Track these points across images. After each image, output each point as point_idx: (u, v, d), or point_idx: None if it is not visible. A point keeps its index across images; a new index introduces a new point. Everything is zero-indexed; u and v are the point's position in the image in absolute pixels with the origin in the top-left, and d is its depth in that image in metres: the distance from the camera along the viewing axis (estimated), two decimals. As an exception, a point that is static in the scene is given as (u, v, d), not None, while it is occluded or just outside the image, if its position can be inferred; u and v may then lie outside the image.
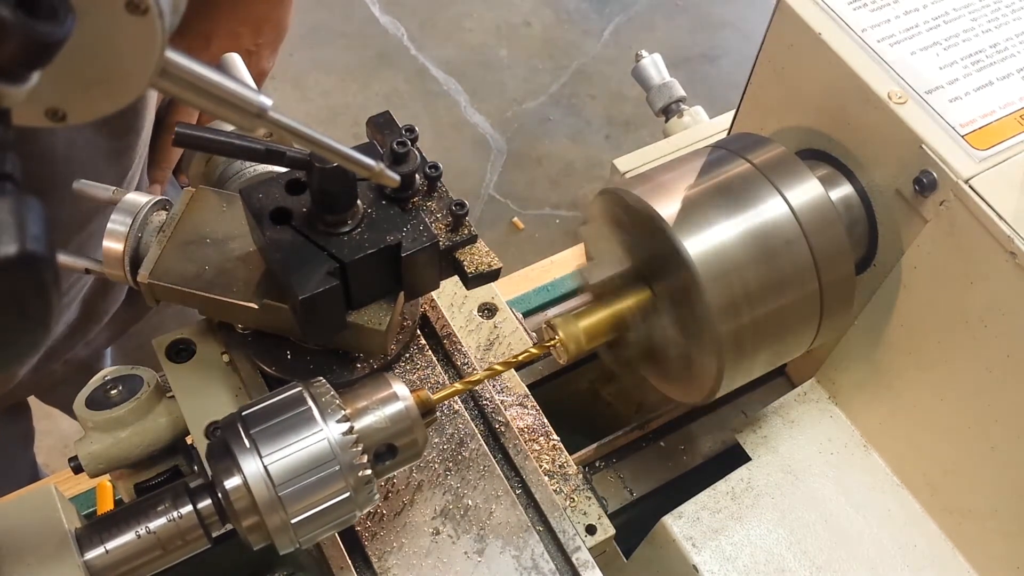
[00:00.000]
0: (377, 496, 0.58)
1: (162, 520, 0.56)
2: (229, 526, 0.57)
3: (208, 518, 0.57)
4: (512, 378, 0.78)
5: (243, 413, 0.56)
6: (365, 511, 0.58)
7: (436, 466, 0.69)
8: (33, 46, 0.31)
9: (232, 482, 0.54)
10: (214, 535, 0.58)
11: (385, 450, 0.58)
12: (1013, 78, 0.70)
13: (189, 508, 0.56)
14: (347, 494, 0.55)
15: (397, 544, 0.66)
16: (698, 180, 0.67)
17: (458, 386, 0.66)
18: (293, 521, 0.54)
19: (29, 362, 0.95)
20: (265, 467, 0.54)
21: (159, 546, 0.56)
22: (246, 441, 0.55)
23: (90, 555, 0.55)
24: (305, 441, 0.55)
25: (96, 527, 0.57)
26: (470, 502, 0.68)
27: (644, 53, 1.18)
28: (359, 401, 0.59)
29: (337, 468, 0.55)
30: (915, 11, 0.72)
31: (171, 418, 0.70)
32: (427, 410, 0.61)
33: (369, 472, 0.56)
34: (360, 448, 0.56)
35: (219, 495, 0.56)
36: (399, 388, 0.59)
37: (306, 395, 0.57)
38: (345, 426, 0.56)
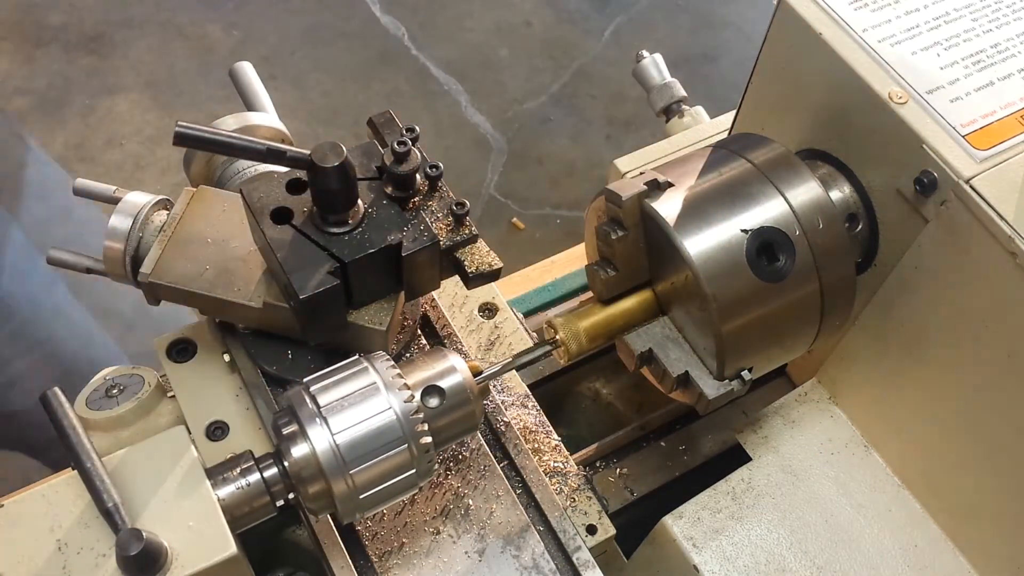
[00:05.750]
0: (437, 466, 0.61)
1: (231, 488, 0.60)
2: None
3: (274, 486, 0.60)
4: (513, 378, 0.78)
5: (309, 387, 0.59)
6: (426, 480, 0.61)
7: (436, 466, 0.69)
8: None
9: (300, 450, 0.57)
10: (278, 504, 0.60)
11: (444, 423, 0.61)
12: (1014, 78, 0.69)
13: (257, 476, 0.60)
14: (409, 461, 0.58)
15: (397, 544, 0.66)
16: (699, 180, 0.67)
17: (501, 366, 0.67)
18: (359, 486, 0.57)
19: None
20: (333, 435, 0.56)
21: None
22: (315, 413, 0.57)
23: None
24: (370, 410, 0.58)
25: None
26: (471, 502, 0.68)
27: (645, 53, 1.18)
28: (419, 374, 0.61)
29: (401, 436, 0.58)
30: (916, 11, 0.72)
31: (172, 418, 0.70)
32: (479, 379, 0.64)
33: (430, 440, 0.59)
34: (422, 416, 0.59)
35: (285, 464, 0.59)
36: (456, 361, 0.62)
37: (370, 368, 0.60)
38: (406, 394, 0.59)
